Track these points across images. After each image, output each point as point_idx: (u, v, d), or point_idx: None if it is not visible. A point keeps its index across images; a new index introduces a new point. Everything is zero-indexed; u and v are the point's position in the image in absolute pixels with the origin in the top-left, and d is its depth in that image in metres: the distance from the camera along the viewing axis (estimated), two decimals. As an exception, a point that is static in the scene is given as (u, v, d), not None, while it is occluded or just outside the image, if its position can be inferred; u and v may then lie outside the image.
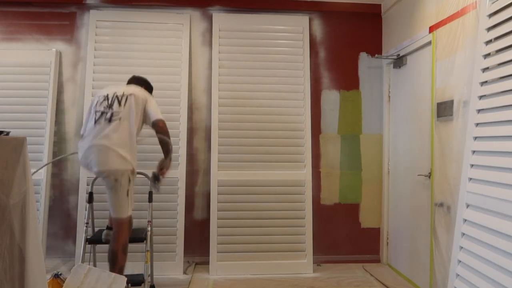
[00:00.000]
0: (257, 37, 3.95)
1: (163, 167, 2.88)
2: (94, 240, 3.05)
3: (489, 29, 2.36)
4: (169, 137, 2.88)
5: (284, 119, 3.88)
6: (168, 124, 3.74)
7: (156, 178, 2.89)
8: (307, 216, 3.81)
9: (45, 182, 3.65)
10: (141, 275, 3.11)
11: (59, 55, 3.91)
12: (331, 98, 4.10)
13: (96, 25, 3.86)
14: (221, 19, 3.97)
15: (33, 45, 3.90)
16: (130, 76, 3.76)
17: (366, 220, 4.11)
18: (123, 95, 2.85)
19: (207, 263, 3.73)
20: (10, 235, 1.69)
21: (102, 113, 2.80)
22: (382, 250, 4.07)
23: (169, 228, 3.68)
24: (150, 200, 3.13)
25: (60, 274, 2.91)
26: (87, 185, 3.66)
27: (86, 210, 3.13)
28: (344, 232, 4.08)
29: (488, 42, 2.36)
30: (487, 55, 2.37)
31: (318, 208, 4.01)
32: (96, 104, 2.86)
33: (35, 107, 3.76)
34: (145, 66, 3.83)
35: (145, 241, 3.03)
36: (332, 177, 4.09)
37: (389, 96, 4.02)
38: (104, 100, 2.85)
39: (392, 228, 3.96)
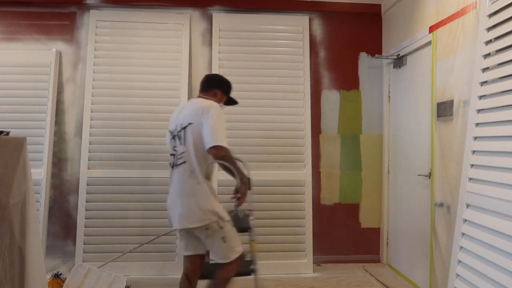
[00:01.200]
0: (257, 37, 3.95)
1: (237, 193, 2.36)
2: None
3: (489, 29, 2.36)
4: (230, 160, 2.31)
5: (284, 119, 3.88)
6: (167, 124, 3.78)
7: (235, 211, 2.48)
8: (307, 216, 3.81)
9: (45, 182, 3.65)
10: (249, 263, 2.84)
11: (59, 55, 3.91)
12: (331, 98, 4.09)
13: (96, 25, 3.86)
14: (221, 19, 3.97)
15: (33, 45, 3.90)
16: (131, 76, 3.81)
17: (366, 220, 4.11)
18: (181, 128, 2.41)
19: (207, 263, 3.72)
20: (10, 235, 1.69)
21: (171, 155, 2.48)
22: (382, 250, 4.07)
23: (169, 228, 3.67)
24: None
25: (60, 274, 2.91)
26: (87, 185, 3.67)
27: None
28: (344, 232, 4.08)
29: (488, 42, 2.36)
30: (487, 55, 2.37)
31: (318, 208, 4.01)
32: (169, 140, 2.53)
33: (35, 107, 3.75)
34: (145, 66, 3.84)
35: (249, 231, 2.71)
36: (332, 177, 4.08)
37: (389, 96, 4.02)
38: (171, 138, 2.49)
39: (392, 228, 3.96)
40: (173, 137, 2.47)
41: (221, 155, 2.27)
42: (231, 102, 2.72)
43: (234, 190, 2.37)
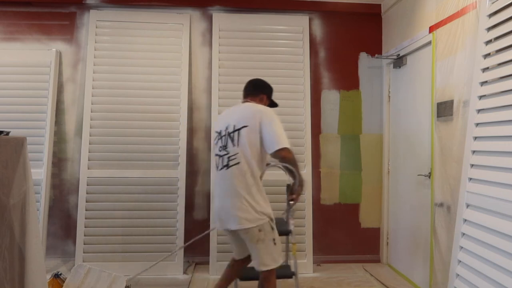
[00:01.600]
0: (257, 37, 3.94)
1: (293, 193, 2.49)
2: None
3: (489, 29, 2.36)
4: (294, 161, 2.43)
5: (284, 119, 3.84)
6: (168, 124, 3.80)
7: (288, 205, 2.67)
8: (307, 216, 3.81)
9: (45, 182, 3.65)
10: (287, 267, 3.10)
11: (59, 55, 3.91)
12: (331, 98, 4.09)
13: (96, 25, 3.86)
14: (221, 19, 3.97)
15: (33, 45, 3.90)
16: (131, 76, 3.81)
17: (366, 220, 4.11)
18: (234, 130, 2.43)
19: (207, 263, 3.73)
20: (10, 235, 1.69)
21: (220, 157, 2.47)
22: (382, 250, 4.07)
23: (169, 228, 3.68)
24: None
25: (60, 274, 2.91)
26: (87, 185, 3.67)
27: None
28: (344, 232, 4.08)
29: (488, 42, 2.36)
30: (487, 55, 2.37)
31: (318, 208, 4.01)
32: (214, 143, 2.58)
33: (35, 107, 3.76)
34: (145, 66, 3.84)
35: (290, 234, 2.88)
36: (332, 177, 4.09)
37: (389, 96, 4.02)
38: (219, 139, 2.51)
39: (392, 228, 3.96)
40: (221, 138, 2.49)
41: (288, 156, 2.37)
42: (272, 105, 2.77)
43: (290, 191, 2.50)
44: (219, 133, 2.53)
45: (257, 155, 2.40)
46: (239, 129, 2.41)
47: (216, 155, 2.50)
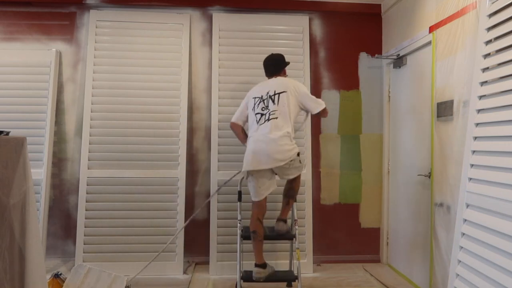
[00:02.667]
0: (257, 37, 3.94)
1: None
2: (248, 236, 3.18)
3: (489, 29, 2.36)
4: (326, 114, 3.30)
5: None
6: (168, 124, 3.80)
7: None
8: (307, 216, 3.81)
9: (45, 182, 3.65)
10: (291, 272, 3.34)
11: (59, 55, 3.91)
12: (331, 98, 4.09)
13: (96, 25, 3.86)
14: (221, 19, 3.97)
15: (33, 45, 3.90)
16: (131, 76, 3.81)
17: (366, 220, 4.11)
18: (275, 93, 3.09)
19: (207, 263, 3.73)
20: (10, 235, 1.69)
21: (262, 114, 3.08)
22: (382, 250, 4.07)
23: (169, 228, 3.68)
24: (295, 200, 3.31)
25: (60, 274, 2.91)
26: (87, 185, 3.67)
27: (238, 208, 3.30)
28: (344, 232, 4.08)
29: (488, 42, 2.35)
30: (487, 55, 2.37)
31: (318, 208, 4.01)
32: (254, 106, 3.13)
33: (35, 107, 3.76)
34: (145, 66, 3.84)
35: (294, 239, 3.21)
36: (332, 177, 4.09)
37: (389, 96, 4.02)
38: (261, 101, 3.12)
39: (392, 228, 3.96)
40: (263, 100, 3.11)
41: (327, 113, 3.25)
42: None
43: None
44: (260, 97, 3.13)
45: (294, 114, 3.10)
46: (279, 93, 3.08)
47: (258, 113, 3.10)
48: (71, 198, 3.87)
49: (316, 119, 4.03)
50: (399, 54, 3.73)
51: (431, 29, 3.13)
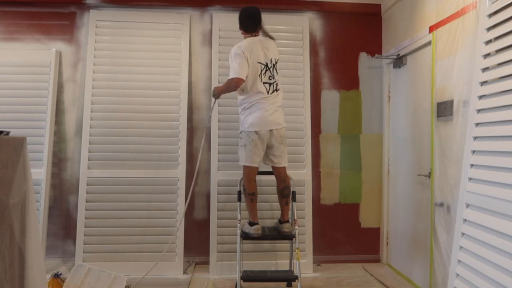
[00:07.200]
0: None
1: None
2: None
3: (489, 29, 2.35)
4: None
5: (284, 118, 3.86)
6: (168, 124, 3.80)
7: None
8: (307, 216, 3.81)
9: (45, 182, 3.65)
10: (291, 272, 3.37)
11: (59, 55, 3.91)
12: (331, 98, 4.09)
13: (96, 25, 3.86)
14: (221, 19, 3.97)
15: (33, 45, 3.90)
16: (131, 76, 3.81)
17: (366, 220, 4.11)
18: (276, 62, 3.23)
19: (207, 263, 3.73)
20: (10, 235, 1.69)
21: (270, 84, 3.17)
22: (382, 250, 4.07)
23: (169, 228, 3.68)
24: (294, 200, 3.33)
25: (60, 274, 2.91)
26: (87, 185, 3.67)
27: (238, 208, 3.32)
28: (344, 232, 4.08)
29: (488, 42, 2.35)
30: (487, 55, 2.37)
31: (318, 208, 4.01)
32: (261, 73, 3.14)
33: (35, 107, 3.76)
34: (145, 66, 3.84)
35: (294, 239, 3.22)
36: (332, 177, 4.09)
37: (389, 96, 4.02)
38: (267, 70, 3.16)
39: (392, 228, 3.96)
40: (269, 69, 3.16)
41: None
42: None
43: None
44: (266, 65, 3.15)
45: None
46: (277, 61, 3.22)
47: (266, 83, 3.15)
48: (71, 198, 3.87)
49: (316, 119, 4.04)
50: (399, 54, 3.73)
51: (431, 29, 3.13)
